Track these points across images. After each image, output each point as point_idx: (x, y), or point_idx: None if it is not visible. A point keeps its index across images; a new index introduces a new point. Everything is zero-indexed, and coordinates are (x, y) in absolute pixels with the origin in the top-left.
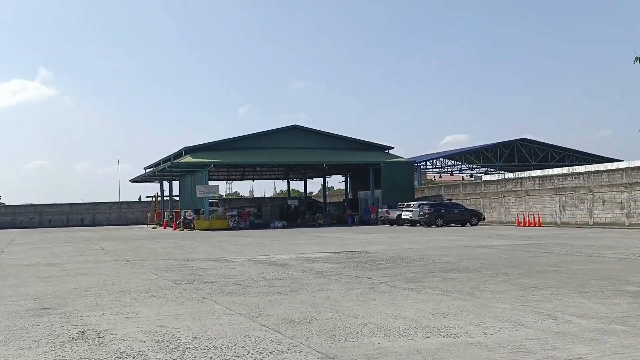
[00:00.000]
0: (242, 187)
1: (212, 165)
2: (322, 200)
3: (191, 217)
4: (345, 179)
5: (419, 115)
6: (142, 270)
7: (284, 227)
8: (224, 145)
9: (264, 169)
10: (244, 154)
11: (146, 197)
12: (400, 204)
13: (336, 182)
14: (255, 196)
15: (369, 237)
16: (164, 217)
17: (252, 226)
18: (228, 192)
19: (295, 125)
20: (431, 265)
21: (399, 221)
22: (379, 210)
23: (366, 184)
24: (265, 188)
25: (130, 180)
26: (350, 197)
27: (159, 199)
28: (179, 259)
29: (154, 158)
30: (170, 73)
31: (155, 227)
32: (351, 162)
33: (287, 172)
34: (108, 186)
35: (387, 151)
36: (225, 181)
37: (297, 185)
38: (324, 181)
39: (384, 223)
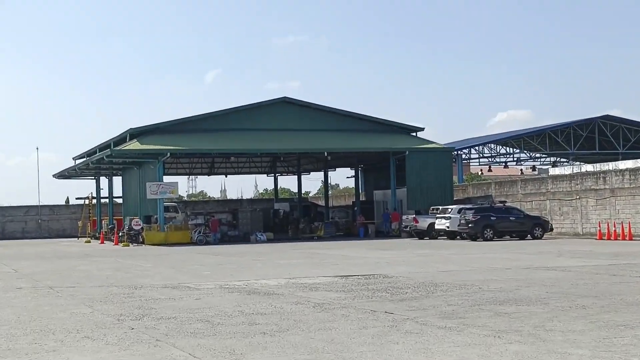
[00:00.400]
0: (211, 186)
1: (169, 154)
2: (322, 203)
3: (139, 227)
4: (356, 173)
5: (460, 84)
6: (72, 302)
7: (269, 240)
8: (184, 126)
9: (241, 160)
10: (213, 138)
11: (76, 198)
12: (432, 209)
13: (342, 177)
14: (229, 198)
15: (389, 254)
16: (101, 227)
17: (225, 239)
18: (191, 192)
19: (285, 97)
20: (477, 294)
21: (430, 232)
22: (403, 217)
23: (385, 181)
24: (244, 186)
25: (54, 176)
26: (362, 198)
27: (94, 201)
28: (122, 286)
29: (88, 145)
30: (107, 21)
31: (90, 241)
32: (364, 150)
33: (273, 163)
34: (23, 184)
35: (414, 134)
36: (187, 177)
37: (288, 182)
38: (326, 177)
39: (410, 235)
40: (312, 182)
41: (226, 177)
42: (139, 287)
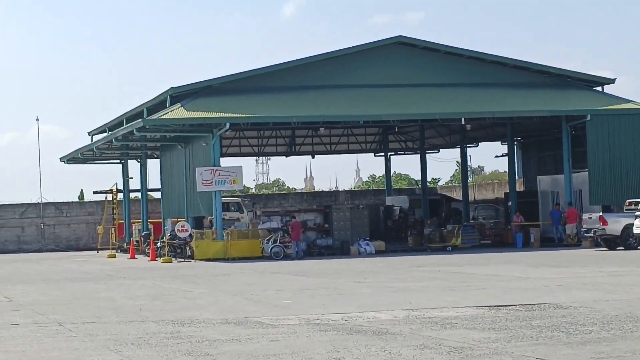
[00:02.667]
0: (291, 171)
1: (228, 125)
2: (459, 196)
3: (186, 235)
4: (510, 150)
5: None
6: (90, 345)
7: (379, 253)
8: (250, 83)
9: (335, 133)
10: (294, 100)
11: (94, 193)
12: (630, 204)
13: (489, 157)
14: (317, 189)
15: (562, 273)
16: (130, 235)
17: (313, 251)
18: (261, 182)
19: (400, 37)
20: None
21: (627, 240)
22: (584, 216)
23: (554, 161)
24: (340, 172)
25: (62, 160)
26: (520, 188)
27: (121, 197)
28: (163, 321)
29: (110, 114)
30: None
31: (115, 255)
32: (521, 114)
33: (384, 137)
34: (17, 172)
35: (599, 89)
36: (255, 159)
37: (407, 164)
38: (464, 157)
39: (595, 244)
40: (442, 165)
41: (313, 158)
42: (187, 323)
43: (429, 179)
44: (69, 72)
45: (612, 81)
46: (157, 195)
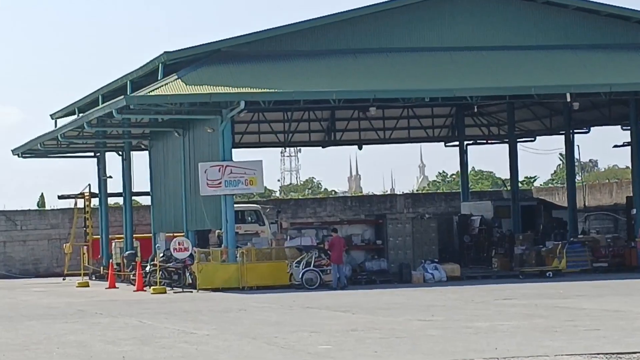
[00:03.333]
0: (329, 168)
1: (243, 103)
2: (561, 201)
3: (185, 255)
4: (633, 137)
5: None
6: None
7: (451, 280)
8: (273, 46)
9: (390, 114)
10: (330, 69)
11: (59, 197)
12: None
13: (604, 146)
14: (365, 192)
15: None
16: (108, 256)
17: (361, 278)
18: (288, 182)
19: None
20: None
21: None
22: None
23: None
24: (397, 170)
25: (15, 153)
26: None
27: (95, 202)
28: None
29: (80, 91)
30: None
31: (87, 283)
32: None
33: (457, 119)
34: None
35: None
36: (281, 150)
37: (489, 157)
38: (570, 147)
39: None
40: (540, 158)
41: (360, 149)
42: None
43: (521, 178)
44: (25, 32)
45: None
46: (145, 200)
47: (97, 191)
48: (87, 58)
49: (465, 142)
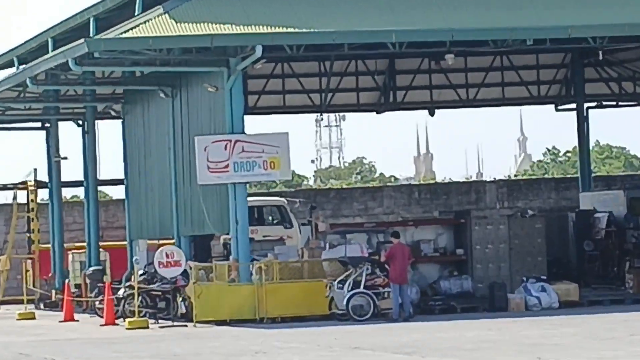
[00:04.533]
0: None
1: (260, 50)
2: None
3: (177, 272)
4: None
5: None
6: None
7: (565, 304)
8: None
9: (476, 63)
10: None
11: None
12: None
13: None
14: (438, 179)
15: None
16: (62, 275)
17: (433, 305)
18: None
19: None
20: None
21: None
22: None
23: None
24: (484, 145)
25: None
26: None
27: (44, 195)
28: None
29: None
30: None
31: (33, 315)
32: None
33: (573, 70)
34: None
35: None
36: (315, 117)
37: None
38: None
39: None
40: None
41: (432, 115)
42: None
43: None
44: None
45: None
46: (117, 193)
47: (46, 179)
48: None
49: (586, 105)
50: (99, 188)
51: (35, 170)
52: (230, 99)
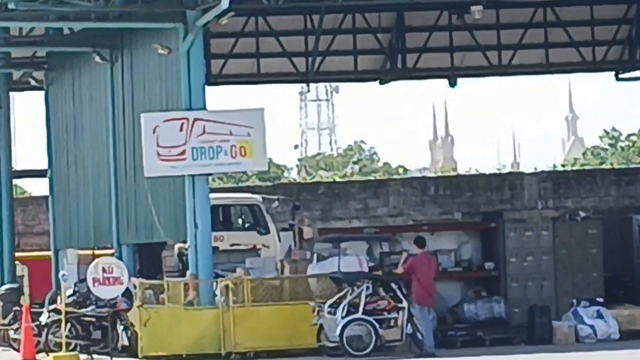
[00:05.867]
0: (388, 123)
1: (227, 0)
2: None
3: (117, 292)
4: None
5: None
6: None
7: (627, 333)
8: None
9: (509, 17)
10: None
11: None
12: None
13: None
14: (460, 170)
15: None
16: None
17: (454, 335)
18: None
19: None
20: None
21: None
22: None
23: None
24: (521, 126)
25: None
26: None
27: None
28: None
29: None
30: None
31: None
32: None
33: (639, 28)
34: None
35: None
36: (300, 89)
37: None
38: None
39: None
40: None
41: (453, 86)
42: None
43: None
44: None
45: None
46: (39, 188)
47: None
48: None
49: None
50: (14, 181)
51: None
52: (187, 65)
